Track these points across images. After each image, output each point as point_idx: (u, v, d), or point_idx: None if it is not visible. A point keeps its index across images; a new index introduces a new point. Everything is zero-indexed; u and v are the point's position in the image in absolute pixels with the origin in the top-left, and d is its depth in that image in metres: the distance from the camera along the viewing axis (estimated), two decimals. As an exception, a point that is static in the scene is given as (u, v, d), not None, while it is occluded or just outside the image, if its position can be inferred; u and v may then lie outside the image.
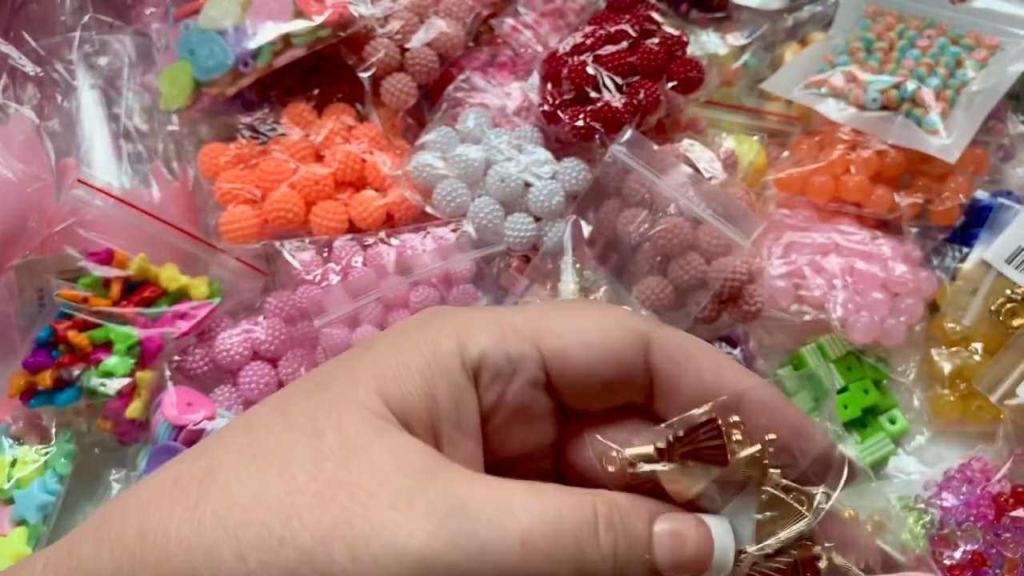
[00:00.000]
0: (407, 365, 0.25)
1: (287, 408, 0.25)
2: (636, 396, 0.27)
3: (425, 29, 0.65)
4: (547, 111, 0.62)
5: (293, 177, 0.62)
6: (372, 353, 0.26)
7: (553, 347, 0.26)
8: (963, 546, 0.54)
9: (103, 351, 0.54)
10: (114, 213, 0.58)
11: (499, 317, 0.26)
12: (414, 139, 0.66)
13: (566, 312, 0.27)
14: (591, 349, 0.26)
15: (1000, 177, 0.70)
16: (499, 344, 0.25)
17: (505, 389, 0.26)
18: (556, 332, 0.26)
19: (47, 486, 0.54)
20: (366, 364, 0.25)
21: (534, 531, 0.22)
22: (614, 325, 0.26)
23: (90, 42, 0.66)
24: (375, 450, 0.23)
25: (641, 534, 0.24)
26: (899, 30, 0.69)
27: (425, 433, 0.24)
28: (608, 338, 0.26)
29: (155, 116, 0.66)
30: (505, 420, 0.26)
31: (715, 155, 0.63)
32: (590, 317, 0.27)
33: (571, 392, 0.26)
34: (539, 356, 0.26)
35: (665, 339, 0.26)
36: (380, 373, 0.25)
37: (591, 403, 0.27)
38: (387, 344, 0.26)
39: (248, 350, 0.58)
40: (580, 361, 0.26)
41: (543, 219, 0.62)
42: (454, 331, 0.26)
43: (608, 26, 0.64)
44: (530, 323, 0.26)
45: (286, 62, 0.62)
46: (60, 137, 0.64)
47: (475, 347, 0.25)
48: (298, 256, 0.60)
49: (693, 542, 0.24)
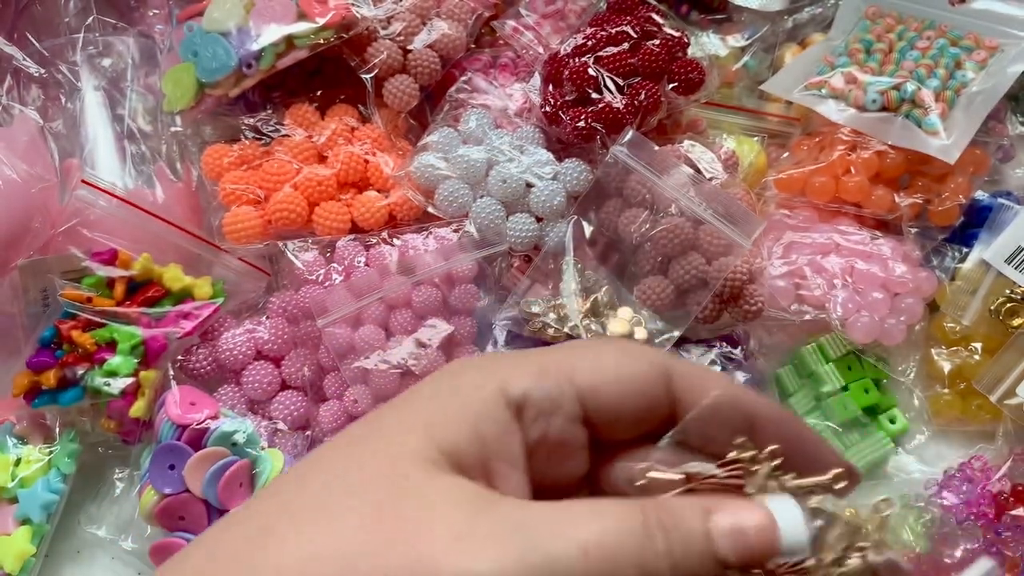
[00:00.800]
0: (452, 411, 0.26)
1: (337, 461, 0.26)
2: (660, 425, 0.29)
3: (427, 31, 0.65)
4: (549, 112, 0.62)
5: (296, 178, 0.62)
6: (412, 405, 0.27)
7: (587, 383, 0.27)
8: (963, 545, 0.55)
9: (107, 351, 0.54)
10: (118, 213, 0.58)
11: (535, 358, 0.28)
12: (416, 140, 0.67)
13: (594, 350, 0.29)
14: (621, 383, 0.28)
15: (999, 177, 0.71)
16: (539, 383, 0.27)
17: (548, 425, 0.27)
18: (588, 369, 0.28)
19: (51, 485, 0.55)
20: (414, 412, 0.27)
21: (592, 540, 0.23)
22: (639, 359, 0.28)
23: (94, 43, 0.67)
24: (431, 492, 0.24)
25: (695, 530, 0.24)
26: (899, 31, 0.70)
27: (477, 473, 0.25)
28: (636, 372, 0.28)
29: (159, 117, 0.66)
30: (547, 454, 0.27)
31: (716, 156, 0.63)
32: (616, 354, 0.28)
33: (604, 424, 0.28)
34: (575, 392, 0.27)
35: (685, 370, 0.28)
36: (429, 420, 0.26)
37: (620, 433, 0.28)
38: (431, 391, 0.28)
39: (251, 350, 0.59)
40: (612, 395, 0.27)
41: (544, 219, 0.62)
42: (494, 374, 0.27)
43: (609, 27, 0.64)
44: (565, 362, 0.28)
45: (289, 63, 0.62)
46: (64, 138, 0.64)
47: (517, 387, 0.27)
48: (301, 256, 0.61)
49: (755, 528, 0.24)
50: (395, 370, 0.56)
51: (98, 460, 0.58)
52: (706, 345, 0.61)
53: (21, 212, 0.56)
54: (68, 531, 0.57)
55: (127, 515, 0.55)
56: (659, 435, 0.28)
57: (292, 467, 0.27)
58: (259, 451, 0.53)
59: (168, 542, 0.51)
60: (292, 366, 0.59)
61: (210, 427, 0.52)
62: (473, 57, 0.69)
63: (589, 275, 0.60)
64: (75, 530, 0.56)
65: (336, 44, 0.63)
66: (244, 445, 0.52)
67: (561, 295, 0.59)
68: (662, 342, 0.58)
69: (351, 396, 0.57)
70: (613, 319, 0.58)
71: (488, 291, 0.61)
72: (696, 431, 0.27)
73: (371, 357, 0.56)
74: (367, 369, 0.56)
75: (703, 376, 0.28)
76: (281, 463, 0.54)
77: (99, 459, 0.58)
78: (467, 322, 0.60)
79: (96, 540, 0.56)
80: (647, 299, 0.59)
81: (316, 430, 0.58)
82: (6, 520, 0.54)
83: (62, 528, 0.56)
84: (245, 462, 0.52)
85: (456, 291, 0.59)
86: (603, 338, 0.54)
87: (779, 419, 0.28)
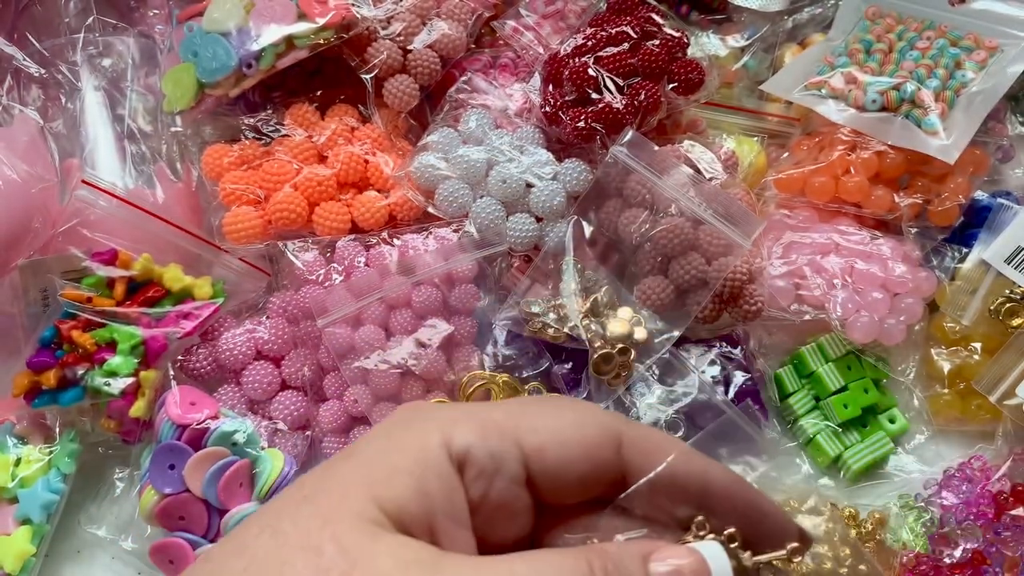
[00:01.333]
0: (396, 466, 0.26)
1: (278, 526, 0.25)
2: (609, 490, 0.28)
3: (427, 31, 0.66)
4: (548, 112, 0.63)
5: (296, 178, 0.63)
6: (358, 459, 0.27)
7: (532, 444, 0.27)
8: (963, 544, 0.55)
9: (107, 351, 0.54)
10: (118, 213, 0.58)
11: (481, 414, 0.27)
12: (416, 140, 0.67)
13: (543, 409, 0.28)
14: (568, 446, 0.27)
15: (999, 177, 0.71)
16: (482, 441, 0.27)
17: (489, 486, 0.27)
18: (535, 429, 0.27)
19: (51, 485, 0.55)
20: (354, 471, 0.26)
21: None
22: (589, 422, 0.28)
23: (94, 44, 0.67)
24: (376, 555, 0.23)
25: (635, 574, 0.25)
26: (898, 32, 0.70)
27: (421, 530, 0.25)
28: (584, 435, 0.27)
29: (159, 117, 0.67)
30: (488, 515, 0.27)
31: (716, 156, 0.63)
32: (566, 414, 0.28)
33: (548, 487, 0.28)
34: (520, 453, 0.27)
35: (637, 435, 0.28)
36: (370, 478, 0.25)
37: (566, 497, 0.28)
38: (373, 448, 0.27)
39: (251, 350, 0.59)
40: (557, 457, 0.27)
41: (544, 219, 0.62)
42: (438, 428, 0.27)
43: (609, 28, 0.64)
44: (510, 420, 0.27)
45: (289, 63, 0.62)
46: (64, 138, 0.64)
47: (461, 442, 0.26)
48: (301, 257, 0.61)
49: (690, 571, 0.25)
50: (395, 370, 0.56)
51: (98, 460, 0.58)
52: (706, 345, 0.61)
53: (21, 212, 0.56)
54: (68, 531, 0.57)
55: (127, 515, 0.55)
56: (610, 498, 0.28)
57: (234, 532, 0.26)
58: (259, 451, 0.54)
59: (168, 542, 0.51)
60: (292, 366, 0.59)
61: (210, 427, 0.52)
62: (473, 57, 0.70)
63: (589, 275, 0.60)
64: (75, 530, 0.57)
65: (336, 44, 0.63)
66: (244, 445, 0.53)
67: (561, 295, 0.59)
68: (662, 342, 0.59)
69: (351, 396, 0.57)
70: (613, 319, 0.58)
71: (487, 291, 0.62)
72: (645, 499, 0.27)
73: (371, 357, 0.56)
74: (367, 369, 0.56)
75: (656, 442, 0.28)
76: (281, 463, 0.54)
77: (99, 459, 0.58)
78: (467, 322, 0.60)
79: (96, 540, 0.56)
80: (647, 299, 0.59)
81: (316, 430, 0.58)
82: (6, 520, 0.54)
83: (62, 528, 0.56)
84: (245, 462, 0.52)
85: (456, 291, 0.59)
86: (555, 399, 0.53)
87: (732, 486, 0.28)
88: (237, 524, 0.51)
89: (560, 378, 0.59)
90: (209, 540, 0.51)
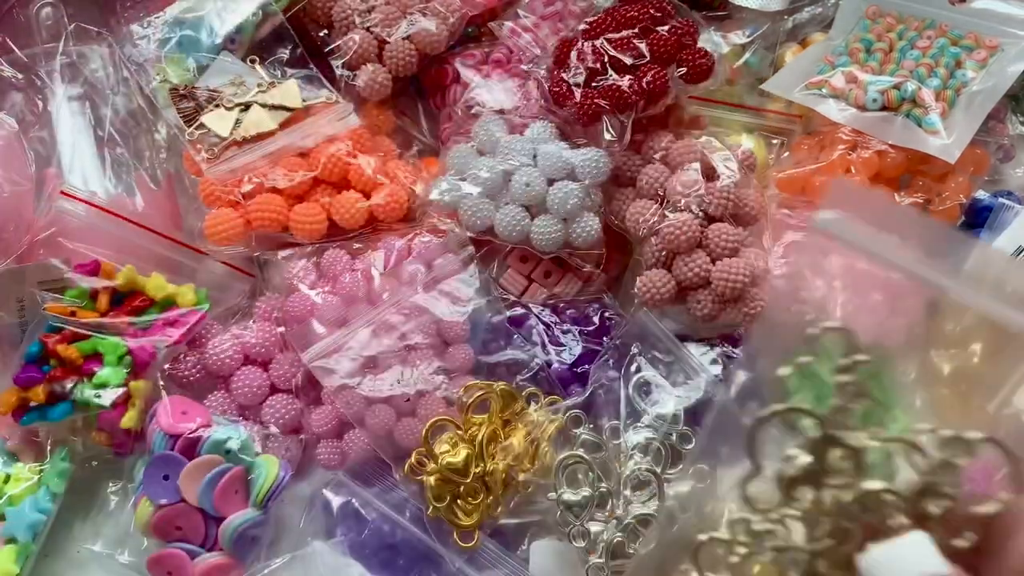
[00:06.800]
0: None
1: None
2: None
3: (407, 24, 0.68)
4: (556, 91, 0.64)
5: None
6: None
7: None
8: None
9: (93, 362, 0.55)
10: (98, 223, 0.59)
11: None
12: (404, 137, 0.69)
13: None
14: None
15: (1000, 177, 0.73)
16: None
17: None
18: None
19: (39, 504, 0.56)
20: None
21: None
22: None
23: (72, 51, 0.68)
24: None
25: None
26: (899, 31, 0.72)
27: None
28: None
29: (138, 122, 0.68)
30: None
31: (733, 155, 0.64)
32: None
33: None
34: None
35: None
36: None
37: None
38: None
39: (239, 354, 0.60)
40: None
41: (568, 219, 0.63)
42: None
43: (619, 15, 0.65)
44: None
45: (269, 31, 0.66)
46: (43, 144, 0.66)
47: None
48: (288, 265, 0.62)
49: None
50: (384, 399, 0.58)
51: (91, 475, 0.59)
52: (707, 344, 0.63)
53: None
54: (56, 551, 0.58)
55: (122, 529, 0.56)
56: None
57: None
58: (253, 457, 0.54)
59: (166, 553, 0.52)
60: (280, 368, 0.60)
61: (203, 435, 0.53)
62: (467, 53, 0.71)
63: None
64: (67, 547, 0.57)
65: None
66: (238, 452, 0.53)
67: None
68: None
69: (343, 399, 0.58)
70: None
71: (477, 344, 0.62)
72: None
73: (362, 384, 0.58)
74: (362, 395, 0.58)
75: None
76: (276, 468, 0.55)
77: (92, 474, 0.59)
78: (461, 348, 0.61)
79: (91, 555, 0.57)
80: (647, 292, 0.60)
81: (309, 434, 0.59)
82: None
83: (49, 548, 0.57)
84: (240, 469, 0.53)
85: (450, 350, 0.61)
86: None
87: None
88: (235, 531, 0.52)
89: (558, 378, 0.61)
90: (207, 549, 0.52)
